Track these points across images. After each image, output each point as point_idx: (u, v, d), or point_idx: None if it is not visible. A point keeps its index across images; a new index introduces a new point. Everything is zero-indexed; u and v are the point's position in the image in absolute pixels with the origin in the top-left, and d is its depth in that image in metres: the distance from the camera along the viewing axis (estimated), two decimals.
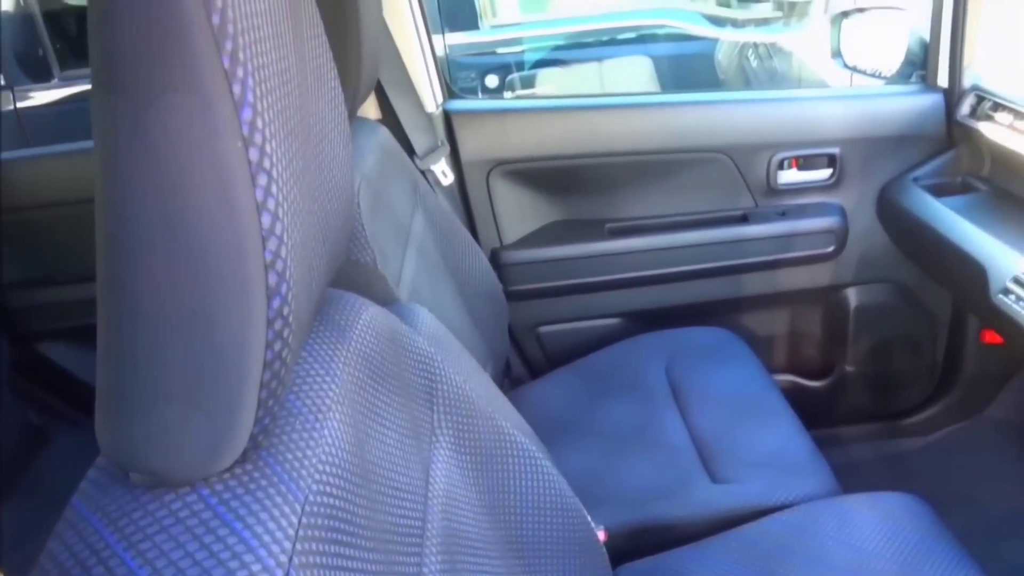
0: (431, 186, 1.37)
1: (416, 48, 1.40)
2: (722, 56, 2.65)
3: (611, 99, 1.59)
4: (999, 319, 1.17)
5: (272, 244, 0.35)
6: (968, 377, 1.71)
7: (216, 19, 0.32)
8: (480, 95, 2.39)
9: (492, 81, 2.36)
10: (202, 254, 0.33)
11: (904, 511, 1.01)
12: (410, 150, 1.35)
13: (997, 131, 1.36)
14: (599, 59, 2.62)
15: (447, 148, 1.44)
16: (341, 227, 0.50)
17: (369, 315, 0.63)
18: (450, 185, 1.44)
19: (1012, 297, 1.14)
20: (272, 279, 0.35)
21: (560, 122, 1.52)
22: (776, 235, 1.57)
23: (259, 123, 0.34)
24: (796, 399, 1.74)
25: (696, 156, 1.55)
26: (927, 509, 1.02)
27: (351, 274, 0.88)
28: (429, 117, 1.43)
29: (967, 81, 1.48)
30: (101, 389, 0.37)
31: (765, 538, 1.01)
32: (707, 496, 1.11)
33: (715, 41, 2.70)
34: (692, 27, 2.68)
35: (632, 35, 2.70)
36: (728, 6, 2.73)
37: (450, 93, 1.51)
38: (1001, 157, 1.40)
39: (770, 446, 1.19)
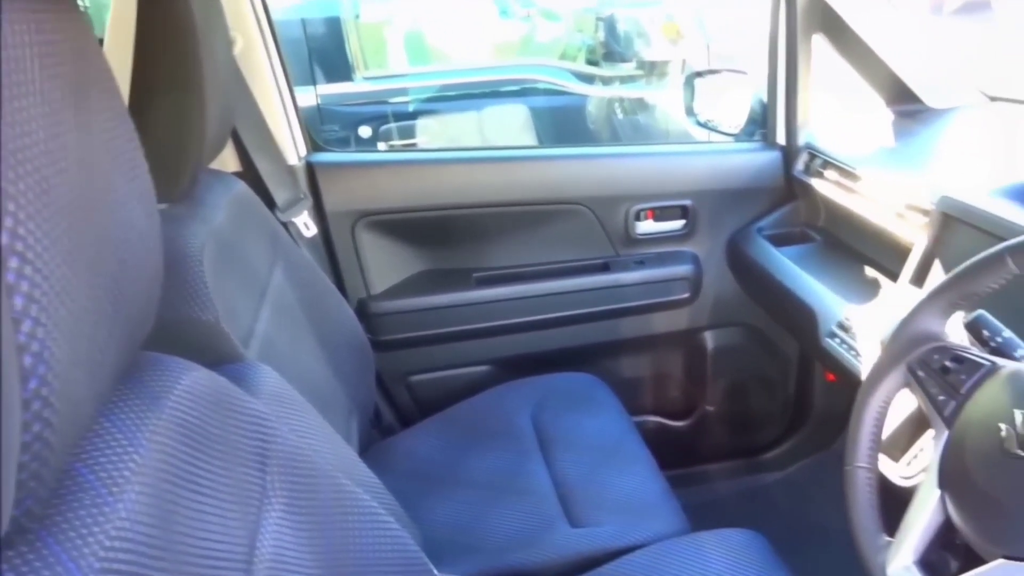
0: (293, 238, 1.36)
1: (276, 101, 1.40)
2: (593, 108, 2.77)
3: (476, 152, 1.63)
4: (829, 360, 1.26)
5: (26, 327, 0.34)
6: (817, 413, 1.82)
7: None
8: (353, 146, 2.40)
9: (365, 132, 2.37)
10: None
11: (744, 546, 1.06)
12: (270, 203, 1.34)
13: (827, 186, 1.48)
14: (476, 110, 2.69)
15: (310, 200, 1.44)
16: (145, 295, 0.50)
17: (191, 379, 0.62)
18: (313, 237, 1.43)
19: (837, 340, 1.23)
20: (27, 361, 0.35)
21: (425, 174, 1.55)
22: (636, 282, 1.64)
23: (11, 206, 0.34)
24: (661, 439, 1.81)
25: (559, 208, 1.61)
26: (765, 543, 1.08)
27: (188, 334, 0.86)
28: (291, 169, 1.43)
29: (801, 140, 1.61)
30: None
31: None
32: (565, 541, 1.13)
33: (588, 96, 2.83)
34: (563, 82, 2.80)
35: (507, 89, 2.79)
36: (596, 65, 2.87)
37: (314, 145, 1.51)
38: (833, 209, 1.52)
39: (627, 489, 1.23)
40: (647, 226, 1.65)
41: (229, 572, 0.57)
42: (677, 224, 1.65)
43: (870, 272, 1.38)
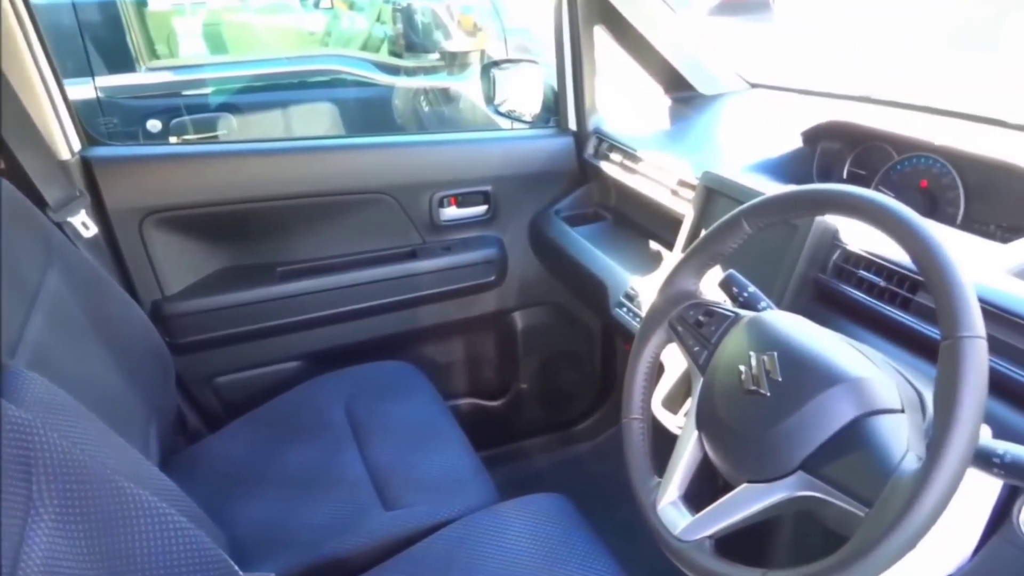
0: (70, 239, 1.27)
1: (41, 92, 1.29)
2: (399, 100, 2.78)
3: (274, 144, 1.59)
4: (620, 329, 1.35)
5: None
6: (621, 382, 1.94)
7: None
8: (142, 140, 2.25)
9: (155, 126, 2.23)
10: None
11: (549, 510, 1.12)
12: (40, 202, 1.24)
13: (614, 168, 1.59)
14: (278, 102, 2.61)
15: (88, 198, 1.34)
16: None
17: None
18: (94, 237, 1.34)
19: (624, 310, 1.33)
20: None
21: (218, 167, 1.49)
22: (443, 268, 1.67)
23: None
24: (477, 420, 1.87)
25: (362, 197, 1.60)
26: (568, 505, 1.14)
27: None
28: (63, 165, 1.32)
29: (591, 125, 1.71)
30: None
31: (429, 555, 1.06)
32: (378, 525, 1.14)
33: (393, 87, 2.83)
34: (367, 74, 2.78)
35: (311, 80, 2.73)
36: (400, 56, 2.87)
37: (89, 139, 1.41)
38: (620, 189, 1.63)
39: (438, 468, 1.26)
40: (451, 212, 1.68)
41: None
42: (480, 209, 1.70)
43: (653, 245, 1.49)
